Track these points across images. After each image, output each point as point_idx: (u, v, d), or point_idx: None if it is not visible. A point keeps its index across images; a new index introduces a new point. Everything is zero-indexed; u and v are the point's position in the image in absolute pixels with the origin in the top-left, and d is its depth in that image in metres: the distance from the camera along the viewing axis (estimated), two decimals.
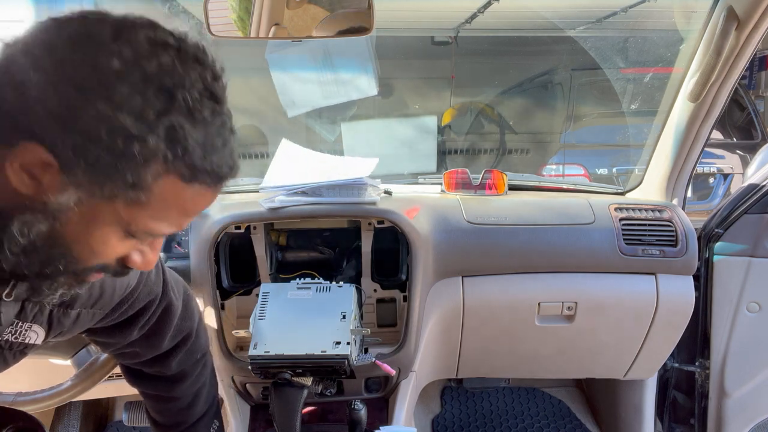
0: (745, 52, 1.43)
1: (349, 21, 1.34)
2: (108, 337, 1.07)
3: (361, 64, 3.50)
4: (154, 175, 0.65)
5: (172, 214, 0.71)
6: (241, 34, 1.47)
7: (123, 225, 0.69)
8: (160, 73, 0.63)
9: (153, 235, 0.73)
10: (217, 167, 0.69)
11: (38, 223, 0.66)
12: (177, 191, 0.68)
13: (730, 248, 1.71)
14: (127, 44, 0.62)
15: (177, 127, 0.64)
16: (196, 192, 0.69)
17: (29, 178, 0.63)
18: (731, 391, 1.79)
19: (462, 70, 4.36)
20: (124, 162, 0.63)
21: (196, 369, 1.23)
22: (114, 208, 0.67)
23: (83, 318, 0.93)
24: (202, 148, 0.67)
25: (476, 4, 3.49)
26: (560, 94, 4.37)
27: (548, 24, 3.84)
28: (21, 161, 0.63)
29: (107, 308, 0.97)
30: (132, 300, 1.01)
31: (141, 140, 0.62)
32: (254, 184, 1.84)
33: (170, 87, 0.64)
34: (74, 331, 0.95)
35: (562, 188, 2.06)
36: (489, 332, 1.71)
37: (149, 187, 0.66)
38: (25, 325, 0.84)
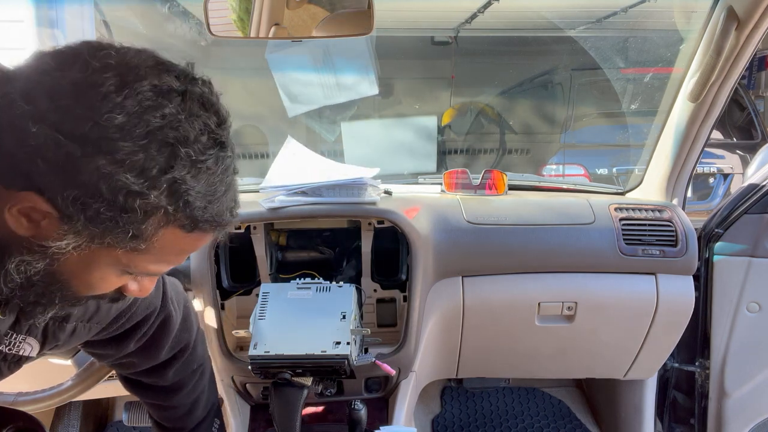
0: (745, 52, 1.43)
1: (349, 21, 1.34)
2: (104, 349, 1.06)
3: (361, 64, 3.50)
4: (155, 227, 0.66)
5: (170, 258, 0.73)
6: (241, 34, 1.47)
7: (122, 267, 0.70)
8: (164, 127, 0.63)
9: (151, 274, 0.75)
10: (217, 216, 0.70)
11: (35, 263, 0.66)
12: (177, 240, 0.69)
13: (730, 248, 1.71)
14: (131, 96, 0.61)
15: (179, 181, 0.64)
16: (195, 238, 0.70)
17: (27, 221, 0.64)
18: (731, 391, 1.79)
19: (462, 70, 4.36)
20: (125, 216, 0.63)
21: (192, 379, 1.22)
22: (113, 253, 0.67)
23: (80, 331, 0.92)
24: (203, 199, 0.67)
25: (476, 4, 3.49)
26: (560, 94, 4.37)
27: (548, 24, 3.84)
28: (20, 207, 0.63)
29: (104, 322, 0.97)
30: (130, 314, 1.00)
31: (142, 196, 0.62)
32: (254, 184, 1.84)
33: (174, 142, 0.63)
34: (71, 343, 0.94)
35: (562, 188, 2.06)
36: (489, 332, 1.71)
37: (149, 238, 0.66)
38: (20, 337, 0.84)
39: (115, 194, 0.61)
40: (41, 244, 0.65)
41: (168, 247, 0.69)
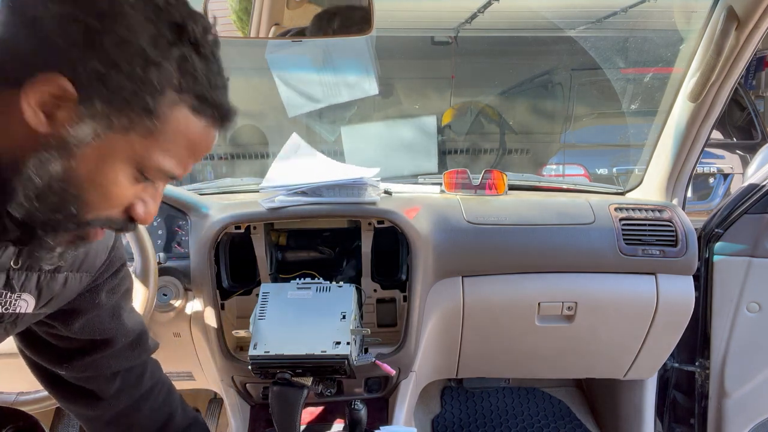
0: (745, 52, 1.43)
1: (349, 21, 1.34)
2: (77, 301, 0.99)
3: (361, 64, 3.50)
4: (168, 103, 0.68)
5: (181, 149, 0.73)
6: (241, 34, 1.47)
7: (136, 161, 0.71)
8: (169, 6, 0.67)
9: (162, 173, 0.74)
10: (221, 102, 0.73)
11: (54, 162, 0.67)
12: (188, 122, 0.71)
13: (730, 248, 1.71)
14: None
15: (187, 56, 0.68)
16: (203, 126, 0.73)
17: (45, 114, 0.65)
18: (731, 391, 1.79)
19: (462, 70, 4.36)
20: (143, 87, 0.66)
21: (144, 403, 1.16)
22: (129, 140, 0.69)
23: (71, 283, 0.92)
24: (208, 80, 0.71)
25: (476, 4, 3.49)
26: (560, 94, 4.37)
27: (548, 24, 3.84)
28: (40, 94, 0.64)
29: (93, 270, 0.96)
30: (110, 260, 1.00)
31: (157, 66, 0.66)
32: (254, 184, 1.84)
33: (179, 21, 0.67)
34: (64, 297, 0.93)
35: (562, 188, 2.06)
36: (489, 332, 1.71)
37: (164, 116, 0.68)
38: (14, 295, 0.83)
39: (133, 64, 0.64)
40: (59, 137, 0.66)
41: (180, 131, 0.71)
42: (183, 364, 1.71)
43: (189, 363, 1.70)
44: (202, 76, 0.70)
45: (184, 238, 1.61)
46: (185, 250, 1.59)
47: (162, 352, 1.64)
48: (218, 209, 1.55)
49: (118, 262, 1.03)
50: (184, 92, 0.69)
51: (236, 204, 1.59)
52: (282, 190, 1.56)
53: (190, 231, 1.58)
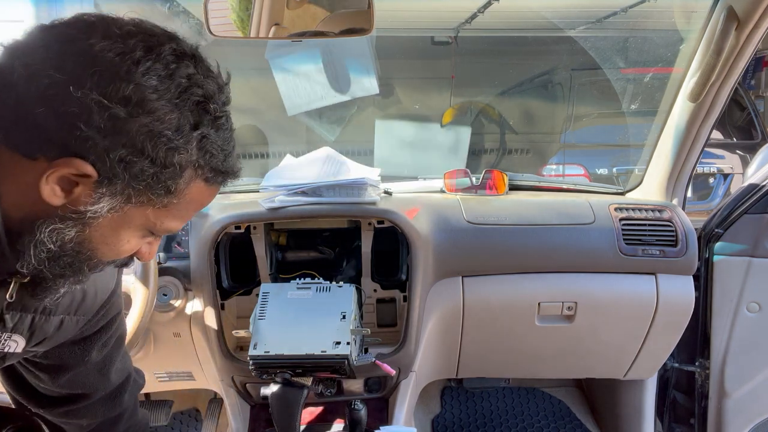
0: (745, 52, 1.43)
1: (349, 21, 1.34)
2: (67, 357, 1.00)
3: (361, 64, 3.50)
4: (186, 181, 0.71)
5: (190, 213, 0.78)
6: (241, 34, 1.47)
7: (148, 227, 0.74)
8: (191, 86, 0.68)
9: (170, 232, 0.78)
10: (231, 168, 0.77)
11: (68, 230, 0.69)
12: (201, 193, 0.75)
13: (730, 248, 1.71)
14: (159, 60, 0.66)
15: (206, 137, 0.70)
16: (213, 190, 0.77)
17: (61, 189, 0.66)
18: (731, 391, 1.79)
19: (462, 70, 4.35)
20: (165, 172, 0.68)
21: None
22: (144, 212, 0.72)
23: (67, 325, 0.92)
24: (222, 152, 0.73)
25: (476, 4, 3.48)
26: (560, 94, 4.37)
27: (548, 24, 3.84)
28: (59, 174, 0.65)
29: (90, 314, 0.96)
30: (109, 305, 1.00)
31: (179, 151, 0.68)
32: (254, 184, 1.84)
33: (200, 100, 0.69)
34: (57, 339, 0.92)
35: (562, 188, 2.06)
36: (489, 332, 1.71)
37: (181, 193, 0.72)
38: (5, 334, 0.83)
39: (157, 151, 0.66)
40: (76, 210, 0.68)
41: (193, 201, 0.75)
42: (183, 364, 1.71)
43: (189, 363, 1.70)
44: (218, 150, 0.72)
45: (184, 238, 1.61)
46: (185, 250, 1.59)
47: (162, 352, 1.65)
48: (218, 209, 1.55)
49: (115, 310, 1.03)
50: (200, 168, 0.72)
51: (236, 204, 1.59)
52: (282, 190, 1.56)
53: (190, 231, 1.58)
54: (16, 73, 0.64)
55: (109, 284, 0.98)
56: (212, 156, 0.72)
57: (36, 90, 0.63)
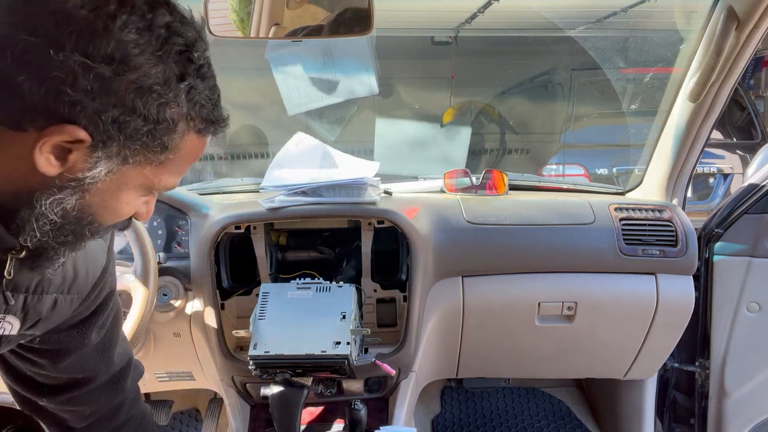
0: (745, 52, 1.43)
1: (349, 21, 1.34)
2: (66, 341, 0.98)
3: (361, 64, 3.50)
4: (180, 135, 0.70)
5: (185, 167, 0.76)
6: (241, 34, 1.47)
7: (146, 185, 0.73)
8: (170, 36, 0.65)
9: (168, 189, 0.77)
10: (220, 117, 0.75)
11: (68, 199, 0.67)
12: (194, 145, 0.73)
13: (730, 248, 1.71)
14: (133, 12, 0.62)
15: (193, 87, 0.68)
16: (204, 141, 0.75)
17: (56, 158, 0.64)
18: (731, 391, 1.79)
19: (462, 70, 4.35)
20: (158, 127, 0.66)
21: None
22: (141, 171, 0.70)
23: (61, 305, 0.89)
24: (210, 101, 0.71)
25: (476, 4, 3.48)
26: (560, 94, 4.37)
27: (548, 24, 3.84)
28: (52, 143, 0.62)
29: (83, 293, 0.93)
30: (102, 283, 0.97)
31: (170, 105, 0.66)
32: (254, 184, 1.84)
33: (182, 50, 0.66)
34: (52, 320, 0.90)
35: (562, 188, 2.06)
36: (489, 332, 1.71)
37: (176, 147, 0.70)
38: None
39: (149, 107, 0.64)
40: (73, 178, 0.66)
41: (188, 154, 0.73)
42: (183, 364, 1.71)
43: (189, 363, 1.70)
44: (206, 99, 0.71)
45: (184, 238, 1.61)
46: (185, 250, 1.59)
47: (162, 352, 1.65)
48: (218, 209, 1.55)
49: (108, 288, 1.00)
50: (192, 120, 0.70)
51: (236, 204, 1.59)
52: (282, 190, 1.56)
53: (190, 231, 1.58)
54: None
55: (99, 261, 0.96)
56: (201, 106, 0.70)
57: (12, 57, 0.59)
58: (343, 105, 3.71)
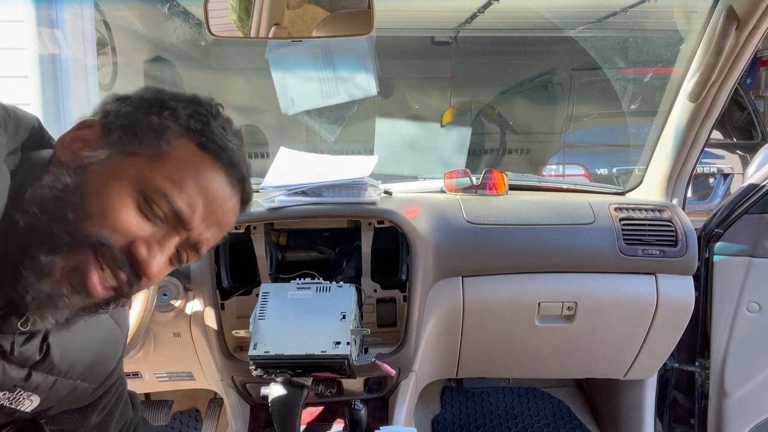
0: (745, 52, 1.43)
1: (349, 21, 1.34)
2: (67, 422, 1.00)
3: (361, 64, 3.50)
4: (176, 135, 0.76)
5: (186, 180, 0.75)
6: (241, 34, 1.47)
7: (140, 183, 0.73)
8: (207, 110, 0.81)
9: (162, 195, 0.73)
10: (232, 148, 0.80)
11: (66, 177, 0.72)
12: (193, 155, 0.77)
13: (730, 248, 1.71)
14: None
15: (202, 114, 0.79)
16: (210, 163, 0.77)
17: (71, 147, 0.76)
18: (731, 391, 1.79)
19: (462, 70, 4.36)
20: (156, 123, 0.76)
21: None
22: (136, 163, 0.74)
23: (80, 392, 0.92)
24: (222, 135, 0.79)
25: (476, 4, 3.49)
26: (560, 94, 4.37)
27: (548, 24, 3.84)
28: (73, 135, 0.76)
29: (98, 381, 0.96)
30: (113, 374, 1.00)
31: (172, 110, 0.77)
32: (254, 184, 1.84)
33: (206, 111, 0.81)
34: (65, 404, 0.92)
35: (562, 188, 2.06)
36: (489, 332, 1.71)
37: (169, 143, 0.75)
38: (26, 393, 0.82)
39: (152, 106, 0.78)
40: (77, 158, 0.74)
41: (184, 161, 0.76)
42: (183, 364, 1.71)
43: (189, 363, 1.70)
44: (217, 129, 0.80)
45: None
46: None
47: (162, 352, 1.65)
48: None
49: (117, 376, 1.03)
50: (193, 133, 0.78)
51: None
52: (282, 190, 1.56)
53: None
54: None
55: (117, 351, 1.00)
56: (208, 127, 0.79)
57: None
58: (342, 105, 3.72)
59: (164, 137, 0.76)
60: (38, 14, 2.73)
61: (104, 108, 0.78)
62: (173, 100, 0.79)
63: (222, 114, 0.83)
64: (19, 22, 2.74)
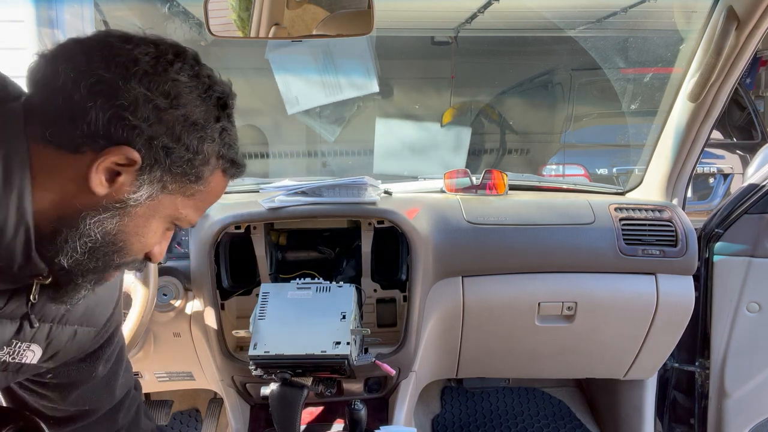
0: (745, 52, 1.43)
1: (349, 21, 1.34)
2: (76, 374, 1.02)
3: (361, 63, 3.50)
4: (211, 170, 0.79)
5: (208, 203, 0.84)
6: (241, 34, 1.47)
7: (174, 216, 0.80)
8: (213, 84, 0.78)
9: (190, 224, 0.84)
10: (242, 161, 0.85)
11: (110, 220, 0.74)
12: (219, 183, 0.82)
13: (730, 248, 1.71)
14: (186, 62, 0.76)
15: (226, 128, 0.79)
16: (226, 182, 0.84)
17: (106, 179, 0.72)
18: (731, 391, 1.79)
19: (462, 70, 4.35)
20: (197, 158, 0.76)
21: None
22: (174, 200, 0.78)
23: (80, 337, 0.94)
24: (235, 144, 0.82)
25: (476, 4, 3.49)
26: (560, 94, 4.37)
27: (548, 24, 3.84)
28: (106, 165, 0.71)
29: (99, 325, 0.98)
30: (112, 319, 1.01)
31: (208, 140, 0.77)
32: (254, 184, 1.84)
33: (220, 96, 0.78)
34: (69, 352, 0.94)
35: (562, 188, 2.06)
36: (489, 332, 1.71)
37: (206, 180, 0.79)
38: (24, 344, 0.84)
39: (191, 139, 0.75)
40: (119, 199, 0.73)
41: (213, 191, 0.82)
42: (183, 364, 1.71)
43: (189, 363, 1.70)
44: (234, 142, 0.81)
45: (184, 238, 1.61)
46: (185, 250, 1.59)
47: (162, 352, 1.65)
48: (218, 209, 1.55)
49: (116, 323, 1.05)
50: (222, 158, 0.80)
51: (236, 204, 1.59)
52: (282, 190, 1.56)
53: (190, 231, 1.58)
54: (62, 77, 0.70)
55: (113, 295, 1.01)
56: (230, 147, 0.80)
57: (84, 88, 0.69)
58: (342, 105, 3.72)
59: (203, 177, 0.78)
60: (38, 14, 2.73)
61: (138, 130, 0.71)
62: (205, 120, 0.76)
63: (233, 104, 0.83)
64: (19, 22, 2.74)
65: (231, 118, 0.81)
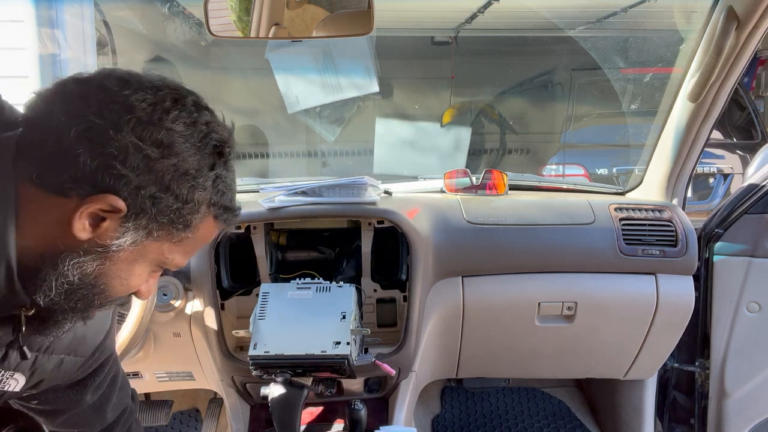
0: (745, 52, 1.43)
1: (349, 21, 1.34)
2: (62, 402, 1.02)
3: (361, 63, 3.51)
4: (201, 217, 0.78)
5: (196, 249, 0.83)
6: (241, 34, 1.47)
7: (160, 260, 0.79)
8: (210, 132, 0.76)
9: (177, 267, 0.82)
10: (235, 205, 0.84)
11: (89, 263, 0.73)
12: (209, 229, 0.81)
13: (730, 248, 1.71)
14: (183, 110, 0.74)
15: (219, 177, 0.78)
16: (217, 228, 0.82)
17: (90, 224, 0.71)
18: (731, 391, 1.79)
19: (462, 70, 4.36)
20: (185, 207, 0.74)
21: None
22: (160, 246, 0.77)
23: (66, 366, 0.93)
24: (230, 191, 0.81)
25: (476, 4, 3.49)
26: (560, 94, 4.37)
27: (548, 24, 3.84)
28: (90, 210, 0.69)
29: (87, 354, 0.97)
30: (102, 348, 1.01)
31: (199, 189, 0.75)
32: (254, 184, 1.84)
33: (217, 144, 0.77)
34: (53, 380, 0.94)
35: (562, 188, 2.06)
36: (489, 332, 1.71)
37: (195, 228, 0.78)
38: (8, 373, 0.84)
39: (181, 188, 0.73)
40: (101, 244, 0.72)
41: (202, 237, 0.81)
42: (183, 364, 1.71)
43: (189, 363, 1.70)
44: (228, 189, 0.80)
45: None
46: None
47: (162, 352, 1.65)
48: None
49: (107, 352, 1.04)
50: (213, 205, 0.78)
51: None
52: (282, 190, 1.56)
53: None
54: (56, 119, 0.69)
55: (104, 325, 1.00)
56: (223, 194, 0.79)
57: (76, 133, 0.68)
58: (342, 105, 3.72)
59: (192, 225, 0.77)
60: (38, 14, 2.73)
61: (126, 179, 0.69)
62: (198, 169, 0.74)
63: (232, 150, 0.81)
64: (19, 22, 2.74)
65: (228, 164, 0.80)
